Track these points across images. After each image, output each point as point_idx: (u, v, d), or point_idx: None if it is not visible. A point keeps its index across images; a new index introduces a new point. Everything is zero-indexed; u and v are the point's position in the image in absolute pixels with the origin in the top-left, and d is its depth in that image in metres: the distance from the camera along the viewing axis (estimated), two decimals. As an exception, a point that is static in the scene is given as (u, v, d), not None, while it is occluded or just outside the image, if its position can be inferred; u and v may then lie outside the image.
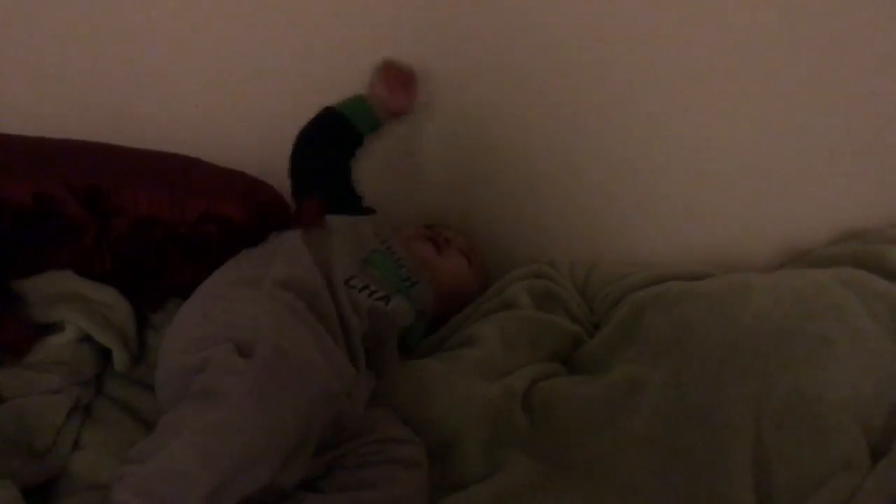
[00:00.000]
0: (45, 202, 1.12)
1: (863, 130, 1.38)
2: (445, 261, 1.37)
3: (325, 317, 1.03)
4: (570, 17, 1.37)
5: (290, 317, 0.98)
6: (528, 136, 1.47)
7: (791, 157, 1.41)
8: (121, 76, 1.47)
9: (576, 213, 1.52)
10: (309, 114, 1.45)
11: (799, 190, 1.43)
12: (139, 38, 1.44)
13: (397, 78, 1.36)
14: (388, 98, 1.34)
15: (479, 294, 1.39)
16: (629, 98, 1.41)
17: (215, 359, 0.89)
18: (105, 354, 1.15)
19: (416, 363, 1.18)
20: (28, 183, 1.13)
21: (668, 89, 1.39)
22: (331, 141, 1.34)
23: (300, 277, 1.06)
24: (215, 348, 0.91)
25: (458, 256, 1.40)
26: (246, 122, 1.49)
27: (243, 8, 1.41)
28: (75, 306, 1.12)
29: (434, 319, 1.34)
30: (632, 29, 1.36)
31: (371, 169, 1.41)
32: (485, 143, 1.49)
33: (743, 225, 1.47)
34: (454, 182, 1.52)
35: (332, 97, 1.36)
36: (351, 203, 1.37)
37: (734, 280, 1.18)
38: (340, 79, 1.42)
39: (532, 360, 1.21)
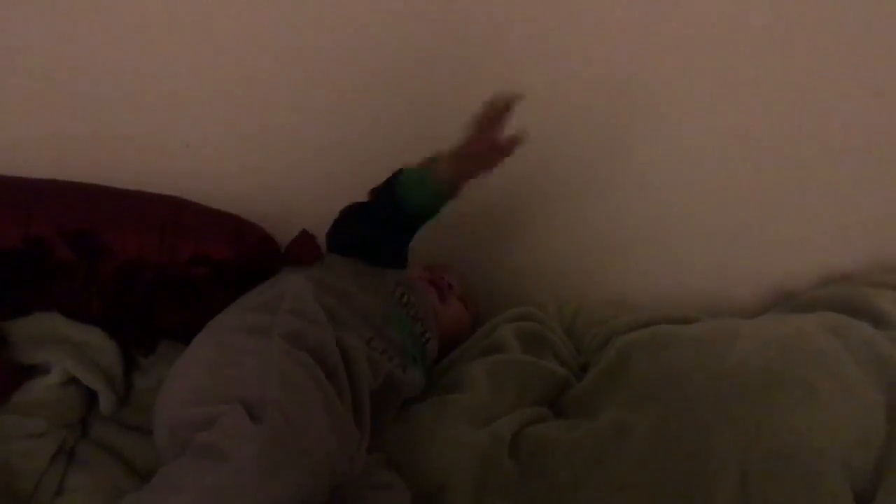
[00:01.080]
0: (35, 244, 1.12)
1: (845, 176, 1.40)
2: (448, 309, 1.36)
3: (331, 371, 1.00)
4: (562, 69, 1.39)
5: (299, 375, 0.95)
6: (516, 179, 1.47)
7: (776, 201, 1.43)
8: (111, 116, 1.46)
9: (564, 254, 1.53)
10: (300, 157, 1.46)
11: (784, 233, 1.45)
12: (129, 79, 1.44)
13: (494, 141, 1.12)
14: (474, 155, 1.14)
15: (469, 336, 1.38)
16: (617, 146, 1.43)
17: (224, 418, 0.87)
18: (91, 397, 1.14)
19: (403, 410, 1.17)
20: (18, 225, 1.13)
21: (655, 137, 1.41)
22: (392, 224, 1.22)
23: (309, 330, 1.03)
24: (225, 407, 0.88)
25: (458, 304, 1.40)
26: (236, 162, 1.49)
27: (236, 49, 1.42)
28: (62, 348, 1.12)
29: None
30: (620, 79, 1.38)
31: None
32: (473, 186, 1.49)
33: (728, 268, 1.49)
34: (443, 224, 1.52)
35: (324, 139, 1.36)
36: (392, 262, 1.30)
37: (720, 326, 1.19)
38: (334, 120, 1.44)
39: (520, 405, 1.20)
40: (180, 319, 1.16)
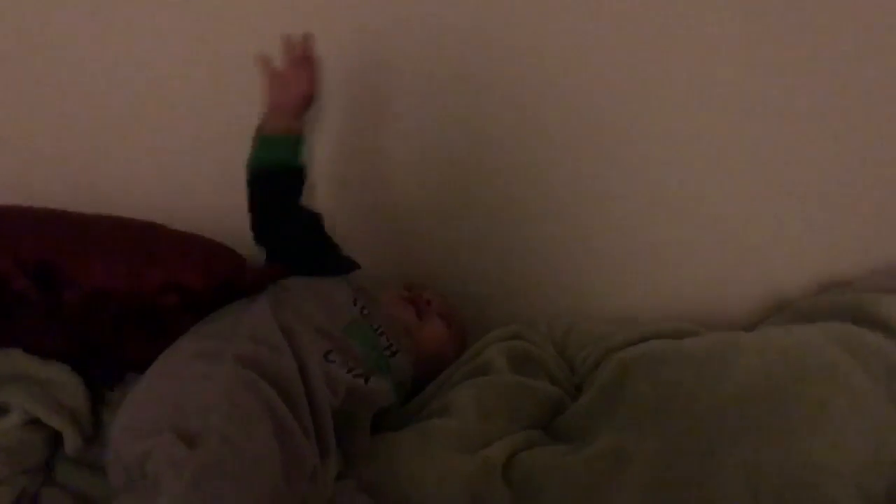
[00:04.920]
0: (-10, 277, 1.06)
1: (841, 179, 1.36)
2: (426, 326, 1.32)
3: (290, 395, 0.97)
4: (550, 80, 1.36)
5: (248, 399, 0.92)
6: (504, 195, 1.45)
7: (771, 207, 1.39)
8: (76, 137, 1.43)
9: (553, 269, 1.50)
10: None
11: (779, 239, 1.41)
12: (95, 98, 1.41)
13: (291, 68, 1.19)
14: (285, 97, 1.18)
15: (456, 357, 1.33)
16: (605, 158, 1.40)
17: (157, 449, 0.84)
18: (55, 437, 1.08)
19: (387, 436, 1.12)
20: (-28, 257, 1.07)
21: (646, 146, 1.38)
22: (275, 197, 1.21)
23: (265, 354, 1.00)
24: (158, 437, 0.86)
25: (437, 320, 1.35)
26: (206, 180, 1.46)
27: (208, 69, 1.40)
28: (21, 387, 1.06)
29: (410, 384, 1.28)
30: (614, 90, 1.35)
31: (349, 226, 1.37)
32: (460, 203, 1.47)
33: (723, 276, 1.45)
34: (430, 242, 1.50)
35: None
36: (327, 254, 1.30)
37: (721, 340, 1.14)
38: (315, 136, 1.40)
39: (511, 429, 1.14)
40: (148, 351, 1.09)
